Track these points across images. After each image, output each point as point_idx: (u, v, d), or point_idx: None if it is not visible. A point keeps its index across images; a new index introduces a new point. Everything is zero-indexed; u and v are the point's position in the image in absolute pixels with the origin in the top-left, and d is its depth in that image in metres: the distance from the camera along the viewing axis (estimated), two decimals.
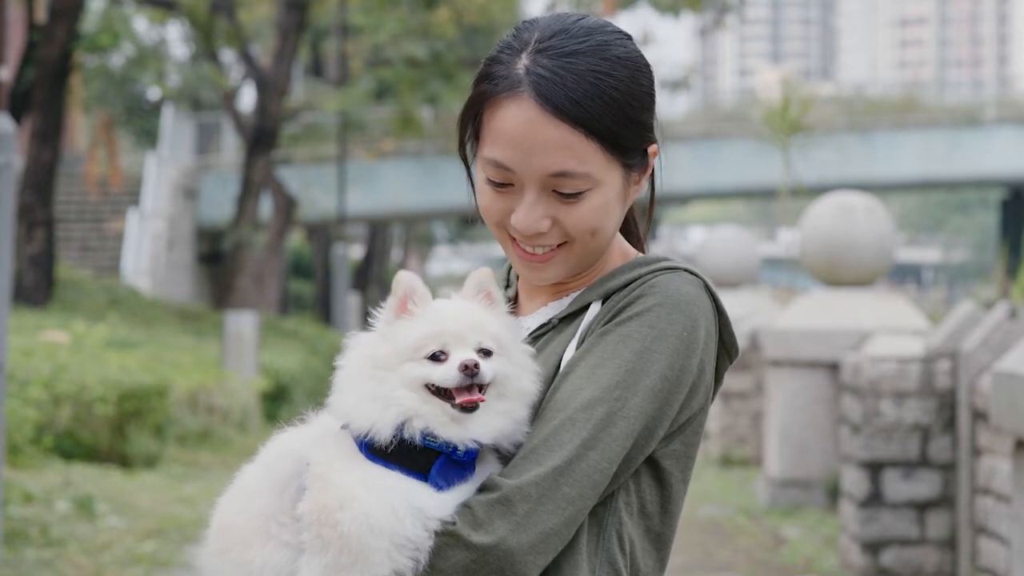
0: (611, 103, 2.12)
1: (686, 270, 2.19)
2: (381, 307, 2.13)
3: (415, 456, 2.04)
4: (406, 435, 2.04)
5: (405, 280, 2.11)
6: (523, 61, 2.14)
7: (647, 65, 2.19)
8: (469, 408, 2.05)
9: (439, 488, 2.04)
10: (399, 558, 2.02)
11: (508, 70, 2.14)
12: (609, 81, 2.12)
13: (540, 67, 2.12)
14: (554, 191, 2.13)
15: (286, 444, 2.14)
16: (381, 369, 2.08)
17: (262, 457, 2.15)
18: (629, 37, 2.20)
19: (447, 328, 2.08)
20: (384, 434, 2.04)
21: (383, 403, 2.06)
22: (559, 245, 2.17)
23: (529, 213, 2.14)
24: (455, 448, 2.05)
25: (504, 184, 2.15)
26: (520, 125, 2.11)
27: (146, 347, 16.21)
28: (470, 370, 2.05)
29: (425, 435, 2.05)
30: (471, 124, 2.19)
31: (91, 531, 9.33)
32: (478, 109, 2.17)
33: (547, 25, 2.17)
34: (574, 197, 2.13)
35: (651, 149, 2.20)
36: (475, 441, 2.06)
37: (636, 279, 2.18)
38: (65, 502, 9.77)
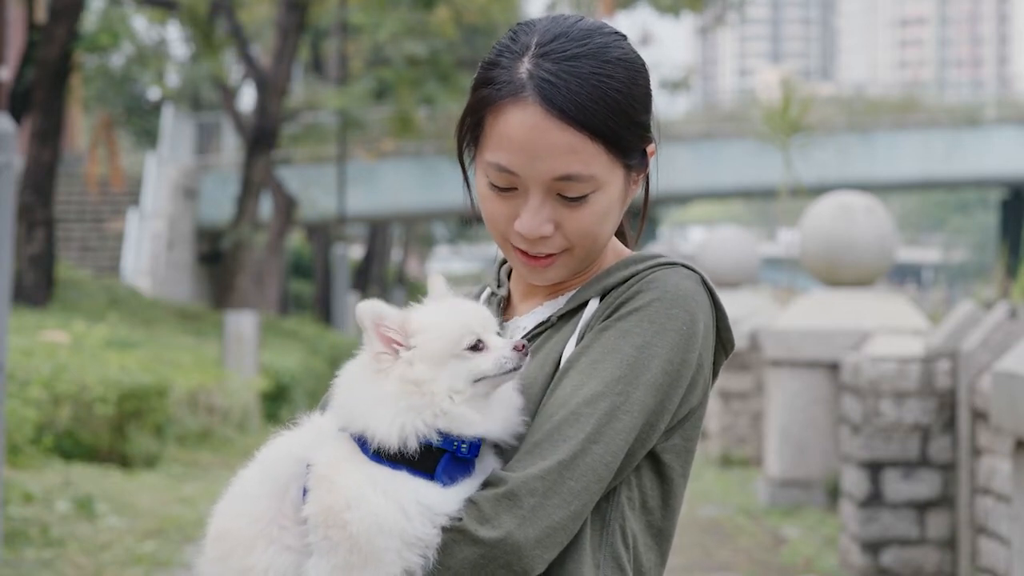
0: (613, 105, 2.13)
1: (683, 265, 2.20)
2: (360, 352, 2.11)
3: (421, 455, 2.04)
4: (424, 436, 2.04)
5: (368, 312, 2.08)
6: (525, 65, 2.14)
7: (644, 65, 2.21)
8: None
9: (444, 485, 2.04)
10: (409, 556, 2.01)
11: (510, 74, 2.14)
12: (611, 83, 2.13)
13: (543, 71, 2.12)
14: (559, 194, 2.14)
15: (282, 448, 2.12)
16: (421, 384, 2.05)
17: (258, 462, 2.13)
18: (625, 38, 2.21)
19: (473, 318, 2.10)
20: (412, 445, 2.03)
21: (417, 412, 2.04)
22: (562, 252, 2.18)
23: (534, 217, 2.15)
24: (459, 445, 2.05)
25: (507, 189, 2.16)
26: (526, 130, 2.12)
27: (146, 347, 16.21)
28: (526, 348, 2.07)
29: (442, 435, 2.04)
30: (471, 129, 2.19)
31: (91, 531, 9.33)
32: (480, 114, 2.17)
33: (546, 28, 2.17)
34: (578, 201, 2.14)
35: (649, 149, 2.21)
36: (488, 434, 2.06)
37: (633, 275, 2.19)
38: (65, 502, 9.76)
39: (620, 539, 2.14)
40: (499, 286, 2.33)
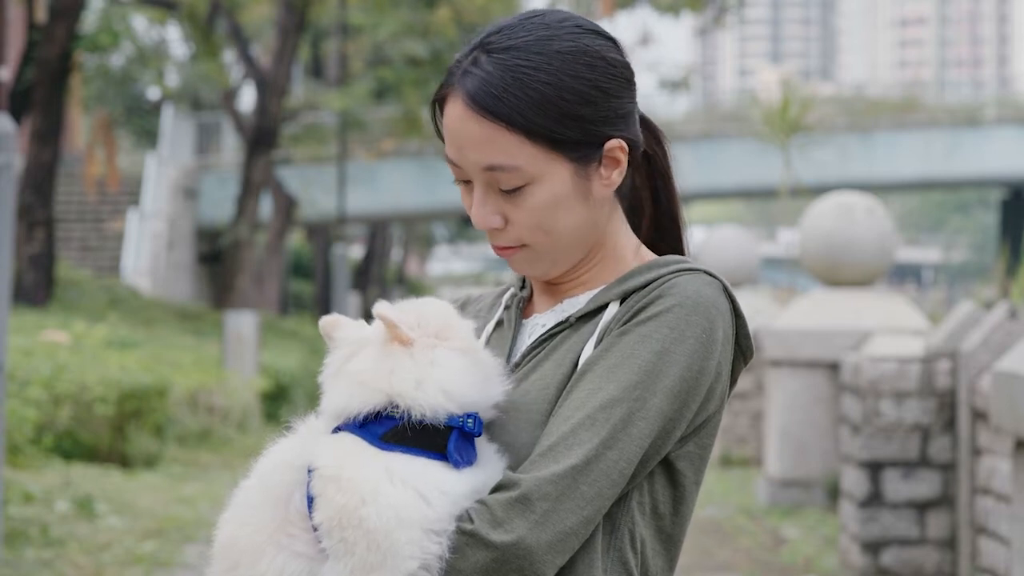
0: (536, 96, 2.10)
1: (705, 271, 2.18)
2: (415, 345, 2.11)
3: (430, 435, 2.03)
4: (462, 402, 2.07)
5: (384, 310, 2.08)
6: (468, 58, 2.16)
7: (602, 59, 2.15)
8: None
9: (457, 464, 2.02)
10: (429, 546, 1.98)
11: (457, 67, 2.17)
12: (536, 75, 2.10)
13: (476, 65, 2.13)
14: (497, 186, 2.14)
15: (277, 456, 2.10)
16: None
17: (256, 473, 2.11)
18: (594, 32, 2.17)
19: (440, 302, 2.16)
20: (453, 407, 2.06)
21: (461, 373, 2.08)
22: (520, 246, 2.18)
23: (479, 208, 2.15)
24: (465, 421, 2.04)
25: (465, 181, 2.18)
26: (453, 121, 2.14)
27: (146, 347, 16.23)
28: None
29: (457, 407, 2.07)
30: (437, 122, 2.23)
31: (91, 531, 9.33)
32: (438, 107, 2.20)
33: (501, 22, 2.19)
34: (515, 193, 2.14)
35: (610, 144, 2.16)
36: (502, 394, 2.11)
37: (655, 280, 2.17)
38: (65, 502, 9.77)
39: (628, 543, 2.13)
40: (522, 287, 2.32)
